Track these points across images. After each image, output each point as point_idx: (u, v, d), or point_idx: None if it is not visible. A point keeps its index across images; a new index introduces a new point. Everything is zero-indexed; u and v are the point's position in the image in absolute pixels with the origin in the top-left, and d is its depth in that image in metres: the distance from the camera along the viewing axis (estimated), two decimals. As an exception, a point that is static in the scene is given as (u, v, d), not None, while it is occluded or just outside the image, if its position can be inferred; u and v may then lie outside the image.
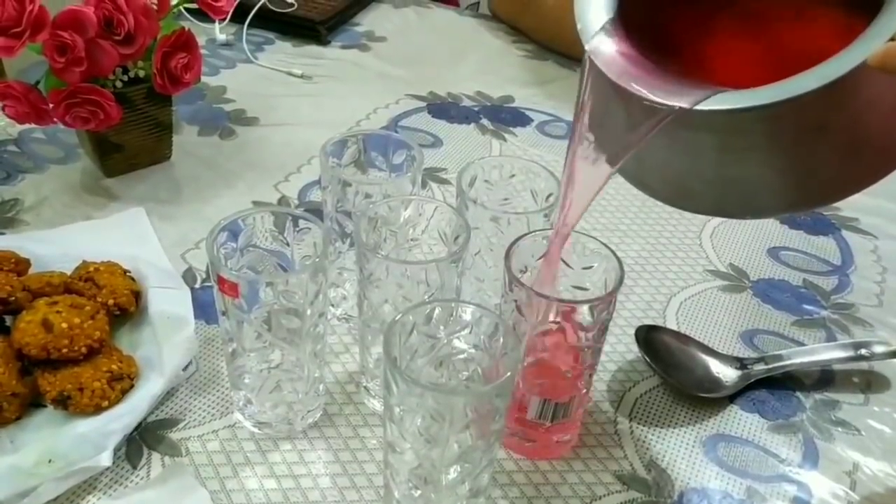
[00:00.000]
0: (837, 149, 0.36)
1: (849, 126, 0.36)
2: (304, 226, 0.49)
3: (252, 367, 0.50)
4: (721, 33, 0.44)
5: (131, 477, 0.48)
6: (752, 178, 0.38)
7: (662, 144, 0.38)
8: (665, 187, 0.42)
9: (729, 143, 0.37)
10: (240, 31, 0.98)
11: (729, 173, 0.38)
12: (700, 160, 0.39)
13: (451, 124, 0.85)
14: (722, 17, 0.44)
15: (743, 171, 0.37)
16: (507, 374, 0.39)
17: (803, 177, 0.37)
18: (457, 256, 0.47)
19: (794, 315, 0.64)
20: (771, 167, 0.37)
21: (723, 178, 0.38)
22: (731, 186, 0.38)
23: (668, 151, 0.39)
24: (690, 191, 0.40)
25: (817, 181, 0.38)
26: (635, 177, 0.43)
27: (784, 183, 0.38)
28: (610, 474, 0.51)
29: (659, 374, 0.56)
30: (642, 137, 0.37)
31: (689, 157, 0.39)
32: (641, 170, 0.42)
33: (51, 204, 0.69)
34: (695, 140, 0.38)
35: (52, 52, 0.60)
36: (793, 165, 0.37)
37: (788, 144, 0.36)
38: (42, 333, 0.49)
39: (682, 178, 0.40)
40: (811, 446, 0.53)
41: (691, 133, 0.37)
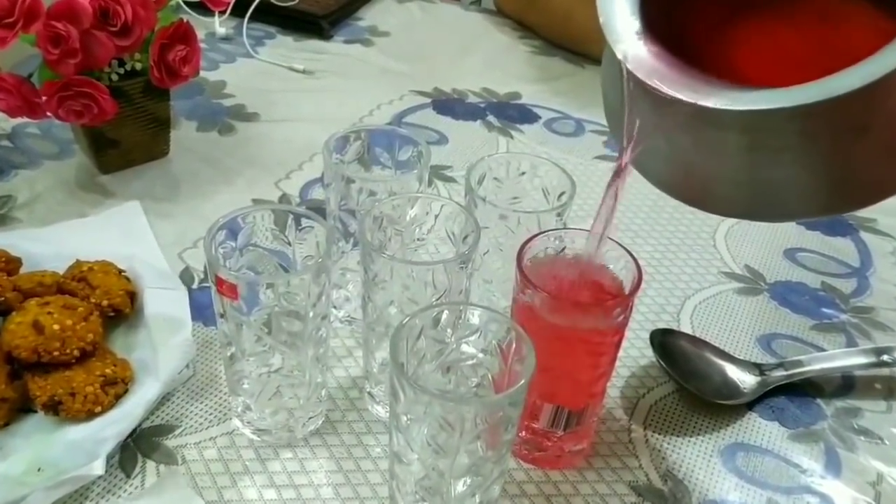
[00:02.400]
0: (877, 149, 0.35)
1: (889, 126, 0.34)
2: (307, 224, 0.47)
3: (251, 371, 0.48)
4: (744, 35, 0.43)
5: (125, 486, 0.46)
6: (784, 180, 0.36)
7: (693, 145, 0.37)
8: (694, 190, 0.40)
9: (761, 143, 0.35)
10: (240, 24, 0.96)
11: (761, 175, 0.36)
12: (731, 161, 0.37)
13: (457, 121, 0.83)
14: (744, 20, 0.43)
15: (775, 173, 0.36)
16: (521, 382, 0.37)
17: (840, 179, 0.36)
18: (466, 257, 0.45)
19: (813, 319, 0.62)
20: (805, 168, 0.36)
21: (754, 180, 0.37)
22: (763, 188, 0.37)
23: (699, 153, 0.38)
24: (721, 194, 0.39)
25: (855, 183, 0.36)
26: (662, 179, 0.41)
27: (818, 185, 0.36)
28: (624, 485, 0.48)
29: (675, 380, 0.54)
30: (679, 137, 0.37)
31: (721, 158, 0.37)
32: (670, 172, 0.41)
33: (44, 200, 0.67)
34: (726, 140, 0.36)
35: (46, 43, 0.58)
36: (829, 167, 0.36)
37: (825, 145, 0.35)
38: (33, 335, 0.47)
39: (713, 180, 0.39)
40: (833, 456, 0.51)
41: (723, 133, 0.36)
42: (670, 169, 0.40)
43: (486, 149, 0.79)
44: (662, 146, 0.39)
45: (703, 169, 0.39)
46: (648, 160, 0.40)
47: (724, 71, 0.39)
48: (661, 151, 0.40)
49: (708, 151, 0.37)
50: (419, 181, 0.52)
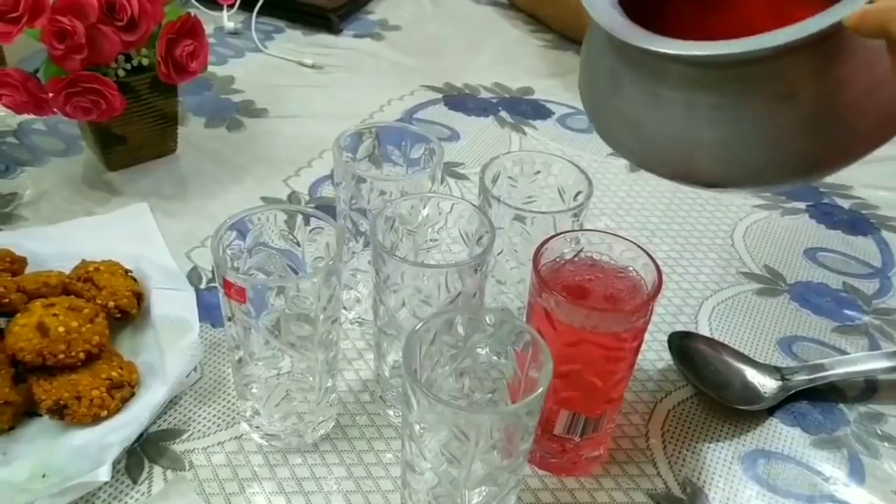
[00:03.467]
0: (805, 121, 0.36)
1: (819, 100, 0.35)
2: (317, 225, 0.46)
3: (260, 375, 0.46)
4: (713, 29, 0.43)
5: (131, 493, 0.45)
6: (719, 140, 0.38)
7: (638, 100, 0.40)
8: (639, 146, 0.43)
9: (699, 100, 0.37)
10: (248, 18, 0.95)
11: (697, 133, 0.38)
12: (671, 117, 0.39)
13: (469, 117, 0.82)
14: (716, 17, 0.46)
15: (712, 132, 0.38)
16: (539, 391, 0.36)
17: (769, 145, 0.37)
18: (480, 260, 0.44)
19: (835, 321, 0.60)
20: (738, 131, 0.37)
21: (692, 138, 0.39)
22: (699, 148, 0.39)
23: (644, 108, 0.40)
24: (662, 150, 0.41)
25: (783, 152, 0.37)
26: (613, 135, 0.44)
27: (750, 150, 0.38)
28: (642, 493, 0.47)
29: (694, 384, 0.52)
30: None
31: (661, 113, 0.40)
32: (616, 128, 0.44)
33: (50, 198, 0.66)
34: (666, 96, 0.39)
35: (51, 38, 0.57)
36: (759, 131, 0.37)
37: (756, 107, 0.36)
38: (37, 338, 0.46)
39: (656, 137, 0.41)
40: (857, 463, 0.50)
41: (666, 88, 0.38)
42: (615, 124, 0.43)
43: (498, 145, 0.78)
44: (611, 101, 0.43)
45: (649, 125, 0.41)
46: (608, 124, 0.44)
47: None
48: (610, 107, 0.43)
49: (653, 107, 0.40)
50: (432, 180, 0.51)
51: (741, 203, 0.72)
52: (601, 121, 0.45)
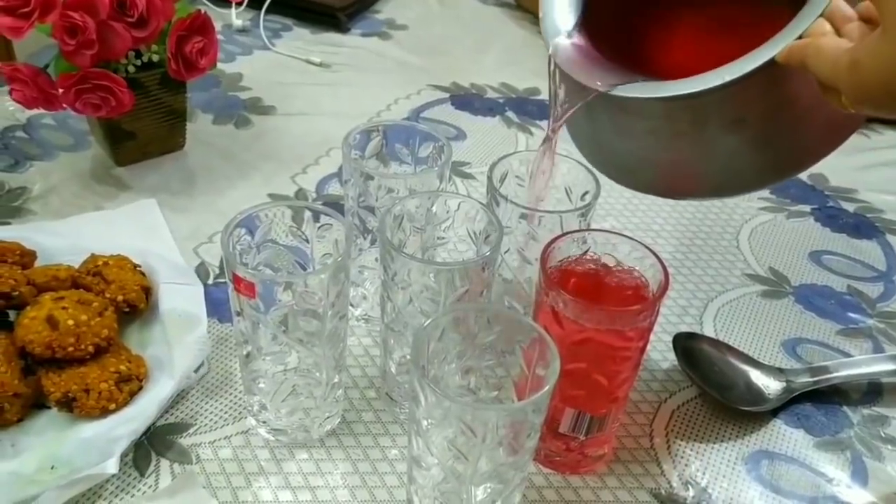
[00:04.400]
0: (755, 141, 0.40)
1: (765, 120, 0.39)
2: (326, 221, 0.46)
3: (267, 370, 0.47)
4: (683, 37, 0.49)
5: (138, 485, 0.45)
6: (679, 161, 0.42)
7: (608, 127, 0.44)
8: (608, 164, 0.47)
9: (659, 129, 0.42)
10: (256, 16, 0.95)
11: (659, 156, 0.43)
12: (639, 142, 0.44)
13: (475, 117, 0.82)
14: (686, 22, 0.49)
15: (672, 155, 0.42)
16: (545, 388, 0.36)
17: (724, 164, 0.41)
18: (488, 259, 0.44)
19: (839, 324, 0.60)
20: (695, 153, 0.41)
21: (656, 160, 0.44)
22: (663, 168, 0.44)
23: (613, 134, 0.45)
24: (631, 169, 0.46)
25: (737, 169, 0.41)
26: (590, 155, 0.49)
27: (707, 168, 0.42)
28: (646, 492, 0.47)
29: (699, 385, 0.53)
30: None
31: (629, 139, 0.44)
32: (592, 149, 0.48)
33: (59, 193, 0.66)
34: (633, 125, 0.43)
35: (62, 33, 0.57)
36: (714, 152, 0.41)
37: (710, 133, 0.40)
38: (47, 331, 0.46)
39: (625, 158, 0.46)
40: (860, 465, 0.50)
41: (631, 118, 0.42)
42: (591, 146, 0.48)
43: (504, 145, 0.78)
44: (584, 126, 0.47)
45: (619, 149, 0.46)
46: (579, 138, 0.48)
47: (650, 66, 0.45)
48: (585, 131, 0.47)
49: (619, 133, 0.44)
50: (440, 179, 0.51)
51: (746, 205, 0.72)
52: (579, 143, 0.49)
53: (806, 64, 0.35)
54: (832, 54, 0.34)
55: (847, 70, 0.33)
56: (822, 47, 0.35)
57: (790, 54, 0.36)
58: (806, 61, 0.35)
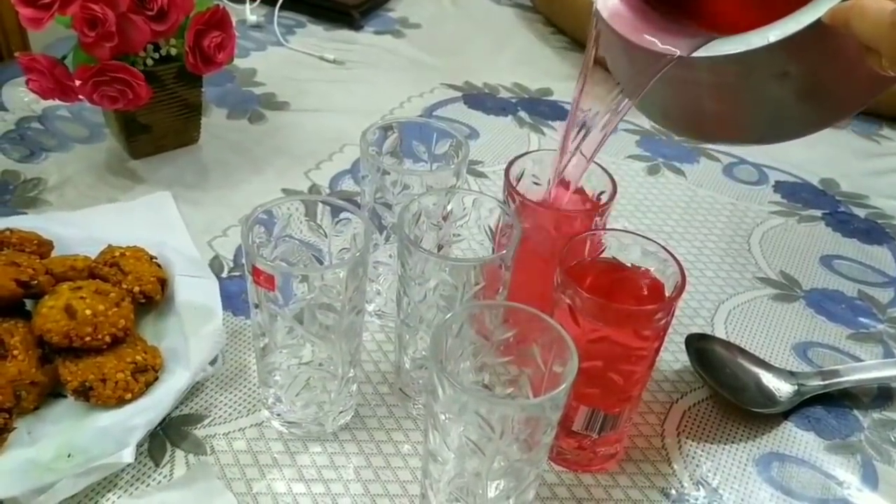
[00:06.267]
0: (798, 93, 0.41)
1: (808, 75, 0.40)
2: (344, 216, 0.46)
3: (283, 363, 0.47)
4: None
5: (153, 475, 0.45)
6: (724, 112, 0.44)
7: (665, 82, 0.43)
8: (657, 113, 0.49)
9: (705, 80, 0.43)
10: (271, 13, 0.96)
11: (706, 105, 0.45)
12: (684, 92, 0.45)
13: (488, 116, 0.82)
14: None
15: (717, 105, 0.44)
16: (563, 385, 0.36)
17: (768, 115, 0.43)
18: (505, 256, 0.44)
19: (850, 328, 0.60)
20: (740, 104, 0.43)
21: (701, 109, 0.45)
22: (706, 116, 0.45)
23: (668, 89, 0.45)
24: (675, 116, 0.48)
25: (781, 119, 0.43)
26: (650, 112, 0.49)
27: (751, 118, 0.44)
28: (657, 491, 0.48)
29: (711, 386, 0.53)
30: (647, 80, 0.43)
31: (674, 88, 0.45)
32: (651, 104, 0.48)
33: (74, 184, 0.66)
34: (688, 78, 0.43)
35: (83, 25, 0.58)
36: (758, 104, 0.42)
37: (757, 86, 0.41)
38: (65, 320, 0.47)
39: (670, 105, 0.47)
40: (870, 468, 0.50)
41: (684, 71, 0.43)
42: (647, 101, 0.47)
43: (517, 145, 0.78)
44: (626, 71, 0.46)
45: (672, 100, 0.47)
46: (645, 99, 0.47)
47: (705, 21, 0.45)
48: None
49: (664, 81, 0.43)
50: (456, 176, 0.51)
51: (758, 209, 0.72)
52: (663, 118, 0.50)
53: (850, 24, 0.36)
54: (876, 15, 0.35)
55: (889, 29, 0.34)
56: (866, 7, 0.35)
57: (835, 15, 0.37)
58: (850, 22, 0.36)
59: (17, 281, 0.48)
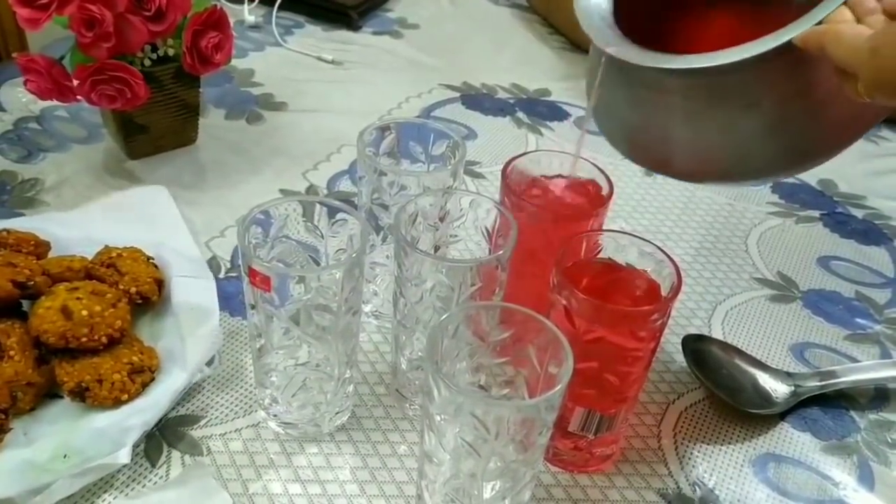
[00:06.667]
0: (767, 127, 0.40)
1: (779, 107, 0.40)
2: (341, 217, 0.47)
3: (279, 364, 0.47)
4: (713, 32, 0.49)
5: (150, 476, 0.45)
6: (691, 140, 0.43)
7: (625, 99, 0.45)
8: (626, 141, 0.48)
9: (675, 105, 0.42)
10: (269, 13, 0.96)
11: (674, 134, 0.43)
12: (654, 118, 0.44)
13: (486, 116, 0.82)
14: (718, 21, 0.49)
15: (685, 133, 0.43)
16: (559, 386, 0.37)
17: (735, 148, 0.41)
18: (502, 258, 0.44)
19: (847, 329, 0.60)
20: (707, 133, 0.42)
21: (670, 138, 0.44)
22: (674, 145, 0.44)
23: (629, 107, 0.45)
24: (644, 145, 0.47)
25: (747, 154, 0.41)
26: (608, 130, 0.50)
27: (718, 151, 0.42)
28: (653, 492, 0.48)
29: (707, 387, 0.53)
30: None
31: (644, 114, 0.44)
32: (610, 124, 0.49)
33: (72, 185, 0.66)
34: (649, 99, 0.43)
35: (80, 25, 0.58)
36: (727, 135, 0.41)
37: (724, 114, 0.40)
38: (61, 321, 0.47)
39: (639, 133, 0.46)
40: (866, 469, 0.50)
41: (648, 93, 0.43)
42: (609, 120, 0.48)
43: (514, 145, 0.78)
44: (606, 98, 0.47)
45: (631, 121, 0.46)
46: (603, 119, 0.49)
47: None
48: (605, 103, 0.47)
49: (635, 106, 0.44)
50: (453, 176, 0.51)
51: (756, 210, 0.72)
52: (600, 118, 0.50)
53: (825, 48, 0.36)
54: (852, 40, 0.35)
55: (867, 55, 0.34)
56: (842, 32, 0.35)
57: (808, 38, 0.36)
58: (825, 46, 0.36)
59: (14, 282, 0.48)
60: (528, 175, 0.53)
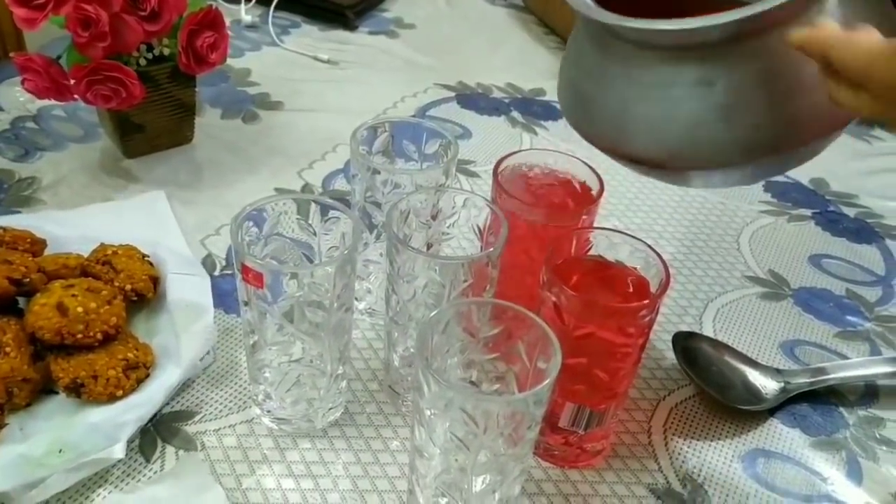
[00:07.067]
0: (719, 109, 0.38)
1: (734, 91, 0.38)
2: (333, 215, 0.47)
3: (273, 360, 0.48)
4: None
5: (144, 470, 0.46)
6: (646, 115, 0.41)
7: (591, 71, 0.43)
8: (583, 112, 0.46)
9: (637, 78, 0.41)
10: (266, 13, 0.96)
11: (633, 107, 0.41)
12: (613, 89, 0.42)
13: (481, 116, 0.83)
14: None
15: (642, 107, 0.41)
16: (546, 381, 0.37)
17: (684, 127, 0.40)
18: (493, 254, 0.45)
19: (837, 326, 0.61)
20: (662, 108, 0.40)
21: (626, 112, 0.42)
22: (628, 120, 0.42)
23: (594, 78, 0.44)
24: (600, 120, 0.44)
25: (697, 137, 0.40)
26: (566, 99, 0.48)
27: (670, 128, 0.40)
28: (643, 487, 0.48)
29: (697, 384, 0.53)
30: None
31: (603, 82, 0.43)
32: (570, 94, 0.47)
33: (69, 183, 0.67)
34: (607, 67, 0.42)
35: (76, 25, 0.58)
36: (679, 111, 0.40)
37: (676, 90, 0.39)
38: (56, 317, 0.47)
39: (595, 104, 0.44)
40: (855, 465, 0.51)
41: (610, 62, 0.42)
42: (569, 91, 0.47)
43: (509, 144, 0.79)
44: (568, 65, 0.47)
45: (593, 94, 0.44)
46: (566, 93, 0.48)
47: None
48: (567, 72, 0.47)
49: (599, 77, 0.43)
50: (446, 175, 0.52)
51: (748, 208, 0.73)
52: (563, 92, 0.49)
53: (829, 54, 0.34)
54: (868, 48, 0.33)
55: (886, 62, 0.32)
56: (857, 41, 0.33)
57: (808, 41, 0.34)
58: (830, 52, 0.34)
59: (10, 279, 0.49)
60: (520, 173, 0.53)
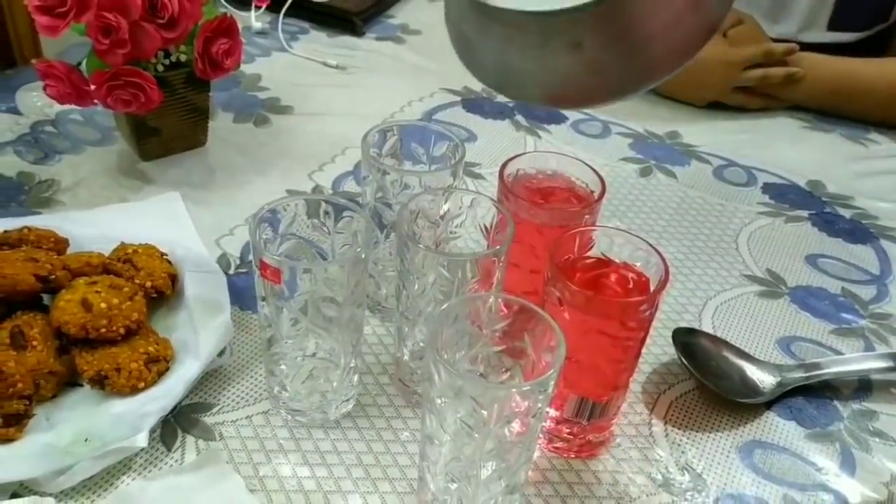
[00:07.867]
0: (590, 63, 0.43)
1: (597, 49, 0.43)
2: (346, 215, 0.49)
3: (288, 354, 0.50)
4: None
5: (165, 459, 0.48)
6: (528, 70, 0.46)
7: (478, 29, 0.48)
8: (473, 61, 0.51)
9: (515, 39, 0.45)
10: (275, 19, 0.98)
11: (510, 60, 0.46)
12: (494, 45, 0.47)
13: (486, 119, 0.85)
14: None
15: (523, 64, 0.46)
16: (551, 371, 0.39)
17: (562, 80, 0.45)
18: (499, 252, 0.47)
19: (833, 324, 0.63)
20: (540, 65, 0.45)
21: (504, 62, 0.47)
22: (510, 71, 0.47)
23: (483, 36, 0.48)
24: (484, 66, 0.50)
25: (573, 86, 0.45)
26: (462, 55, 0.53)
27: (548, 80, 0.46)
28: (644, 476, 0.50)
29: (697, 377, 0.55)
30: None
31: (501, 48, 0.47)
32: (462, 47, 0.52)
33: (87, 185, 0.69)
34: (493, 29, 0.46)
35: (97, 33, 0.60)
36: (554, 68, 0.45)
37: (552, 50, 0.44)
38: (81, 312, 0.49)
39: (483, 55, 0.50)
40: (848, 456, 0.53)
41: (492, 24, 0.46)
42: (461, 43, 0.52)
43: (513, 147, 0.81)
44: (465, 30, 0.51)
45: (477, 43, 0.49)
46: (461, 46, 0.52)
47: None
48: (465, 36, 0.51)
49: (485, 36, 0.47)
50: (453, 176, 0.54)
51: (746, 209, 0.75)
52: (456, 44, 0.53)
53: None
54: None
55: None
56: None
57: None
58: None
59: (36, 276, 0.51)
60: (525, 175, 0.55)
